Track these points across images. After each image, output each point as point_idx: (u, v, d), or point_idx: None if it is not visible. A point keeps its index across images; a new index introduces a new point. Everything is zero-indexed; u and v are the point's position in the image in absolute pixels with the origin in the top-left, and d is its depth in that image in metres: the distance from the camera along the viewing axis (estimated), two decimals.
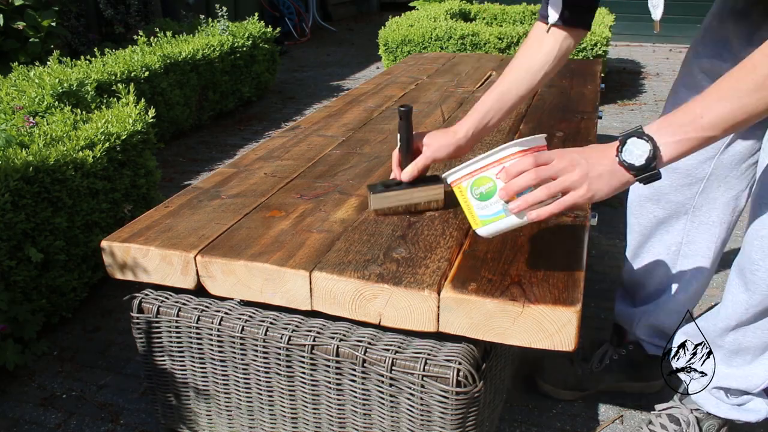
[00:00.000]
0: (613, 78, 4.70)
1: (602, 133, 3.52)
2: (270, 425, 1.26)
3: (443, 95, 2.20)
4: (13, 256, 1.68)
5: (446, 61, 2.80)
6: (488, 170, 0.96)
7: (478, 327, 1.02)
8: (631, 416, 1.52)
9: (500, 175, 0.95)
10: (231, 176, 1.52)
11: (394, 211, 1.28)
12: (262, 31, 4.14)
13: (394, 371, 1.07)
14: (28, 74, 2.41)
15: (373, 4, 8.94)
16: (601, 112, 2.14)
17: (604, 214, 2.53)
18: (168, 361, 1.29)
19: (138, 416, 1.55)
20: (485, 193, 0.97)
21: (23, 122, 1.95)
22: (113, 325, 1.91)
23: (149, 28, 3.88)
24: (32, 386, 1.66)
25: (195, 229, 1.26)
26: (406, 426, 1.11)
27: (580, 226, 1.22)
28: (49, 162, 1.73)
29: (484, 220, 0.99)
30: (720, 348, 1.27)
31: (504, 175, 0.93)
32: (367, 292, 1.06)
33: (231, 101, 3.91)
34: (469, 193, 1.00)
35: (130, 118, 2.08)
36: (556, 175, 0.91)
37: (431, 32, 4.07)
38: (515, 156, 0.94)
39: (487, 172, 0.96)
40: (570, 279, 1.05)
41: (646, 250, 1.45)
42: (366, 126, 1.88)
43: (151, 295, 1.26)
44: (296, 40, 6.69)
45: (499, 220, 0.97)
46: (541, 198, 0.91)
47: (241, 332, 1.17)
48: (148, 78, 3.07)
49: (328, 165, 1.57)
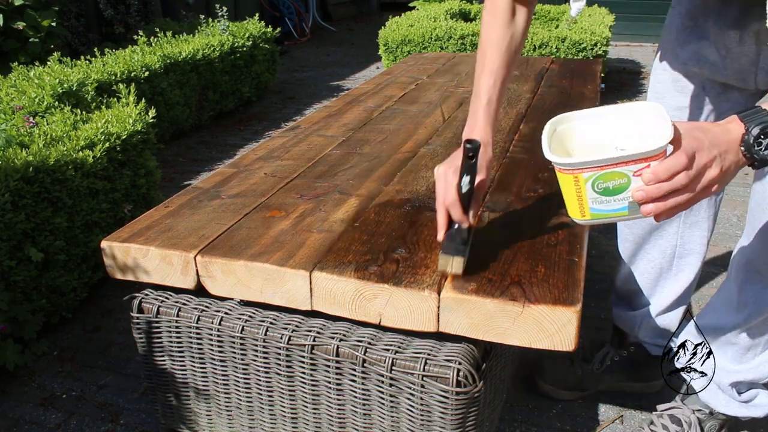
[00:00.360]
0: (613, 78, 4.70)
1: None
2: (270, 425, 1.26)
3: (443, 95, 2.20)
4: (13, 256, 1.68)
5: (446, 61, 2.80)
6: (626, 166, 0.82)
7: (478, 327, 1.02)
8: (631, 416, 1.52)
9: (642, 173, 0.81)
10: (231, 176, 1.52)
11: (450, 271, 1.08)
12: (262, 31, 4.14)
13: (394, 371, 1.07)
14: (28, 74, 2.40)
15: (373, 4, 8.94)
16: None
17: None
18: (168, 361, 1.29)
19: (138, 416, 1.55)
20: (613, 189, 0.84)
21: (23, 122, 1.95)
22: (113, 325, 1.91)
23: (149, 28, 3.88)
24: (32, 386, 1.66)
25: (195, 229, 1.26)
26: (406, 426, 1.11)
27: (581, 226, 1.22)
28: (49, 162, 1.73)
29: (596, 213, 0.88)
30: (733, 345, 1.25)
31: (651, 177, 0.79)
32: (367, 292, 1.06)
33: (231, 101, 3.91)
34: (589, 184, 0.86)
35: (130, 118, 2.08)
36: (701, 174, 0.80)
37: (431, 32, 4.07)
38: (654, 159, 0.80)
39: (623, 168, 0.82)
40: (570, 279, 1.05)
41: (641, 256, 1.45)
42: (366, 126, 1.88)
43: (151, 295, 1.26)
44: (296, 40, 6.69)
45: (616, 216, 0.87)
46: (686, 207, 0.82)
47: (241, 332, 1.17)
48: (148, 78, 3.07)
49: (328, 165, 1.57)
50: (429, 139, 1.75)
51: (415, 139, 1.75)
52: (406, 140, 1.74)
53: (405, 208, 1.32)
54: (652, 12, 5.87)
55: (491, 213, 1.29)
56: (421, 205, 1.33)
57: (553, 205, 1.31)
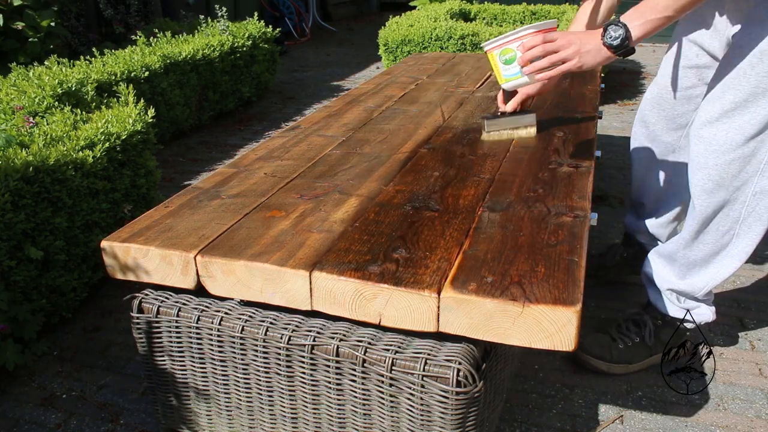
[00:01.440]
0: (613, 78, 4.70)
1: (602, 133, 3.52)
2: (270, 425, 1.26)
3: (443, 95, 2.20)
4: (13, 256, 1.68)
5: (446, 61, 2.80)
6: (512, 43, 1.40)
7: (478, 327, 1.02)
8: (631, 416, 1.52)
9: (519, 47, 1.36)
10: (231, 176, 1.52)
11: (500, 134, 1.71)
12: (262, 31, 4.14)
13: (394, 371, 1.07)
14: (27, 74, 2.41)
15: (373, 4, 8.94)
16: (601, 112, 2.14)
17: (604, 214, 2.53)
18: (168, 361, 1.29)
19: (138, 416, 1.55)
20: (508, 59, 1.42)
21: (23, 122, 1.95)
22: (113, 325, 1.91)
23: (149, 28, 3.88)
24: (32, 386, 1.66)
25: (195, 229, 1.26)
26: (406, 426, 1.11)
27: (580, 226, 1.22)
28: (49, 162, 1.73)
29: (507, 78, 1.45)
30: (675, 263, 1.56)
31: (521, 48, 1.34)
32: (367, 292, 1.06)
33: (231, 101, 3.91)
34: (498, 58, 1.45)
35: (130, 118, 2.08)
36: (557, 50, 1.28)
37: (431, 32, 4.07)
38: (531, 34, 1.34)
39: (511, 45, 1.40)
40: (570, 279, 1.05)
41: (646, 180, 1.80)
42: (366, 126, 1.88)
43: (151, 295, 1.26)
44: (296, 40, 6.69)
45: (516, 78, 1.43)
46: (545, 65, 1.30)
47: (241, 332, 1.17)
48: (148, 78, 3.07)
49: (328, 165, 1.57)
50: (429, 139, 1.75)
51: (415, 139, 1.75)
52: (406, 140, 1.74)
53: (405, 208, 1.32)
54: None
55: (491, 213, 1.29)
56: (421, 205, 1.33)
57: (553, 205, 1.31)
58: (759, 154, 1.33)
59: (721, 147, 1.35)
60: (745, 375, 1.64)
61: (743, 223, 1.41)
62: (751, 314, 1.89)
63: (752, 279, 2.08)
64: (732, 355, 1.72)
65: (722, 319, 1.87)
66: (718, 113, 1.34)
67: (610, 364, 1.64)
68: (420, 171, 1.52)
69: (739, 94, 1.31)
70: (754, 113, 1.30)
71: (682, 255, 1.52)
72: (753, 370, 1.66)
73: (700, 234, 1.46)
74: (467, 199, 1.35)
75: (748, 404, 1.54)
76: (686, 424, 1.48)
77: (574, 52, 1.26)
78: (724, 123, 1.34)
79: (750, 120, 1.30)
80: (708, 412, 1.52)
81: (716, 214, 1.42)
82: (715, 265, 1.49)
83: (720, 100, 1.34)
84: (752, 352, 1.73)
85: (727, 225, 1.42)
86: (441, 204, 1.33)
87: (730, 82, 1.32)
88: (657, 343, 1.64)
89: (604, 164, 3.04)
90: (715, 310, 1.61)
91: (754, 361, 1.69)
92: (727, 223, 1.42)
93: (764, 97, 1.28)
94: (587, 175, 1.46)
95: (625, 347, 1.64)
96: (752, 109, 1.30)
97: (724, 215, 1.41)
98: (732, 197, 1.38)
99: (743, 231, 1.42)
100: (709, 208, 1.42)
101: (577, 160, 1.56)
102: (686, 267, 1.53)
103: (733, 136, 1.33)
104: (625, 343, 1.64)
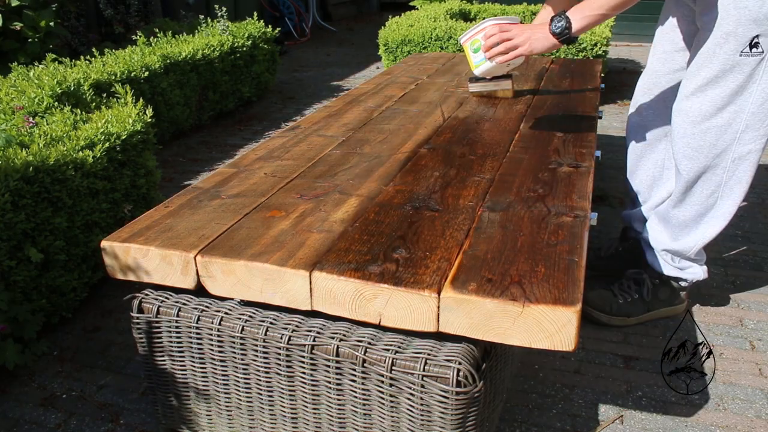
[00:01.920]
0: (613, 78, 4.70)
1: (602, 133, 3.52)
2: (270, 425, 1.26)
3: (443, 95, 2.20)
4: (13, 256, 1.68)
5: (446, 61, 2.80)
6: (478, 35, 1.75)
7: (478, 327, 1.02)
8: (631, 416, 1.52)
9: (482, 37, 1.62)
10: (231, 176, 1.52)
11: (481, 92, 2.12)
12: (262, 31, 4.14)
13: (394, 371, 1.07)
14: (27, 74, 2.40)
15: (373, 4, 8.94)
16: (601, 112, 2.15)
17: (604, 214, 2.53)
18: (168, 361, 1.29)
19: (138, 416, 1.55)
20: (476, 48, 1.76)
21: (23, 122, 1.95)
22: (113, 325, 1.91)
23: (149, 28, 3.88)
24: (32, 386, 1.66)
25: (195, 229, 1.26)
26: (406, 426, 1.11)
27: (580, 226, 1.22)
28: (49, 162, 1.73)
29: (476, 64, 1.81)
30: (668, 223, 1.74)
31: (483, 38, 1.61)
32: (367, 292, 1.06)
33: (231, 101, 3.91)
34: (469, 48, 1.80)
35: (129, 118, 2.08)
36: (512, 38, 1.55)
37: (431, 32, 4.07)
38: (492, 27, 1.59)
39: (477, 36, 1.75)
40: (570, 279, 1.05)
41: (640, 167, 1.91)
42: (366, 126, 1.88)
43: (151, 295, 1.26)
44: (296, 40, 6.69)
45: (483, 64, 1.78)
46: (501, 50, 1.57)
47: (241, 332, 1.17)
48: (148, 78, 3.07)
49: (328, 165, 1.57)
50: (429, 139, 1.75)
51: (415, 139, 1.75)
52: (406, 140, 1.74)
53: (405, 208, 1.32)
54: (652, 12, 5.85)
55: (491, 213, 1.29)
56: (421, 205, 1.33)
57: (553, 205, 1.31)
58: (735, 124, 1.51)
59: (696, 117, 1.54)
60: (745, 375, 1.64)
61: (725, 186, 1.60)
62: (751, 314, 1.89)
63: (752, 279, 2.08)
64: (732, 355, 1.72)
65: (722, 319, 1.87)
66: (693, 88, 1.53)
67: (610, 316, 1.82)
68: (420, 171, 1.52)
69: (710, 72, 1.49)
70: (723, 87, 1.49)
71: (673, 215, 1.71)
72: (753, 370, 1.66)
73: (687, 196, 1.65)
74: (467, 199, 1.35)
75: (748, 404, 1.54)
76: (686, 424, 1.48)
77: (525, 39, 1.53)
78: (698, 97, 1.53)
79: (720, 93, 1.49)
80: (708, 412, 1.52)
81: (699, 178, 1.60)
82: (703, 226, 1.67)
83: (695, 77, 1.53)
84: (752, 352, 1.73)
85: (711, 188, 1.61)
86: (441, 204, 1.34)
87: (701, 61, 1.51)
88: (654, 300, 1.82)
89: (604, 164, 3.04)
90: (706, 269, 1.78)
91: (754, 361, 1.69)
92: (711, 186, 1.60)
93: (732, 73, 1.47)
94: (587, 175, 1.46)
95: (625, 302, 1.82)
96: (722, 84, 1.49)
97: (707, 179, 1.60)
98: (713, 163, 1.57)
99: (726, 193, 1.60)
100: (691, 173, 1.60)
101: (577, 160, 1.56)
102: (678, 228, 1.71)
103: (706, 108, 1.52)
104: (624, 299, 1.83)
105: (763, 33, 1.41)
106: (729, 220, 1.63)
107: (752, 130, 1.51)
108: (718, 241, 2.31)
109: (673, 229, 1.72)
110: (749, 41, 1.43)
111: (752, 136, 1.51)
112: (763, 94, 1.47)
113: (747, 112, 1.49)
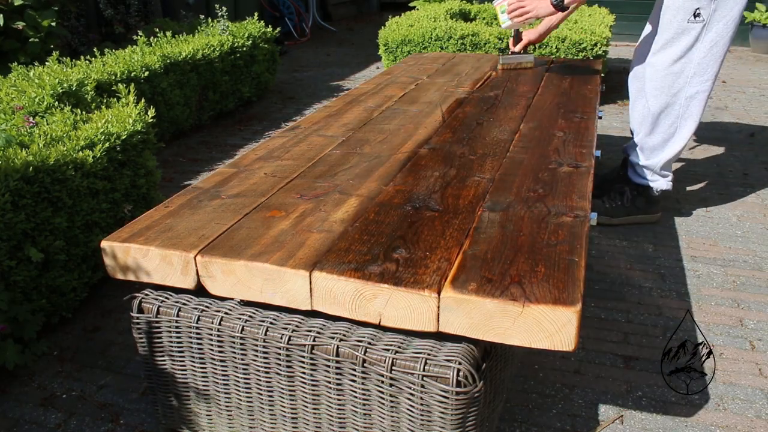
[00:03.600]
0: (613, 78, 4.70)
1: (602, 133, 3.52)
2: (270, 425, 1.26)
3: (443, 95, 2.20)
4: (13, 256, 1.68)
5: (446, 61, 2.80)
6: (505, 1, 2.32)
7: (478, 327, 1.02)
8: (631, 416, 1.52)
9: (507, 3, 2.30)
10: (231, 176, 1.52)
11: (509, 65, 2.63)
12: (262, 31, 4.14)
13: (394, 371, 1.07)
14: (27, 74, 2.41)
15: (373, 4, 8.94)
16: (601, 112, 2.16)
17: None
18: (168, 361, 1.29)
19: (138, 416, 1.55)
20: (503, 11, 2.32)
21: (23, 122, 1.95)
22: (113, 325, 1.91)
23: (149, 28, 3.88)
24: (32, 386, 1.66)
25: (195, 229, 1.26)
26: (406, 426, 1.11)
27: (580, 226, 1.22)
28: (49, 162, 1.73)
29: (503, 21, 2.34)
30: (643, 149, 2.33)
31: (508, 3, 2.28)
32: (367, 292, 1.06)
33: (231, 101, 3.91)
34: (498, 9, 2.36)
35: (130, 118, 2.08)
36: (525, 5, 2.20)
37: (431, 32, 4.07)
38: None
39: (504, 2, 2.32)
40: (570, 279, 1.05)
41: (634, 109, 2.36)
42: (366, 126, 1.89)
43: (151, 295, 1.26)
44: (296, 40, 6.69)
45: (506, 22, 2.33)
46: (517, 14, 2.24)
47: (241, 332, 1.17)
48: (148, 78, 3.07)
49: (328, 165, 1.57)
50: (429, 139, 1.75)
51: (415, 139, 1.75)
52: (406, 140, 1.74)
53: (405, 208, 1.32)
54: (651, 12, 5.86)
55: (491, 213, 1.29)
56: (421, 205, 1.33)
57: (553, 205, 1.31)
58: (686, 71, 2.13)
59: (659, 67, 2.17)
60: (745, 375, 1.64)
61: (681, 118, 2.20)
62: (751, 314, 1.89)
63: (752, 279, 2.08)
64: (732, 355, 1.72)
65: (722, 319, 1.87)
66: (657, 48, 2.17)
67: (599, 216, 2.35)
68: (420, 171, 1.52)
69: (668, 35, 2.11)
70: (677, 45, 2.10)
71: (645, 142, 2.31)
72: (753, 370, 1.66)
73: (655, 126, 2.26)
74: (467, 199, 1.35)
75: (748, 404, 1.54)
76: (686, 424, 1.48)
77: (533, 6, 2.18)
78: (661, 53, 2.16)
79: (675, 50, 2.11)
80: (708, 412, 1.52)
81: (662, 112, 2.21)
82: (667, 149, 2.28)
83: (659, 39, 2.15)
84: (752, 352, 1.73)
85: (671, 119, 2.22)
86: (441, 204, 1.34)
87: (662, 28, 2.13)
88: (632, 207, 2.42)
89: (604, 164, 3.04)
90: (670, 183, 2.38)
91: (754, 361, 1.69)
92: (671, 119, 2.22)
93: (683, 35, 2.08)
94: (587, 175, 1.46)
95: (610, 207, 2.42)
96: (676, 43, 2.10)
97: (668, 113, 2.21)
98: (672, 101, 2.18)
99: (682, 124, 2.22)
100: (657, 107, 2.21)
101: (577, 160, 1.56)
102: (649, 151, 2.32)
103: (666, 60, 2.14)
104: (611, 204, 2.42)
105: (702, 6, 2.02)
106: (685, 144, 2.25)
107: (698, 76, 2.12)
108: (718, 241, 2.31)
109: (646, 152, 2.32)
110: (693, 12, 2.04)
111: (699, 80, 2.12)
112: (704, 49, 2.08)
113: (694, 62, 2.10)
